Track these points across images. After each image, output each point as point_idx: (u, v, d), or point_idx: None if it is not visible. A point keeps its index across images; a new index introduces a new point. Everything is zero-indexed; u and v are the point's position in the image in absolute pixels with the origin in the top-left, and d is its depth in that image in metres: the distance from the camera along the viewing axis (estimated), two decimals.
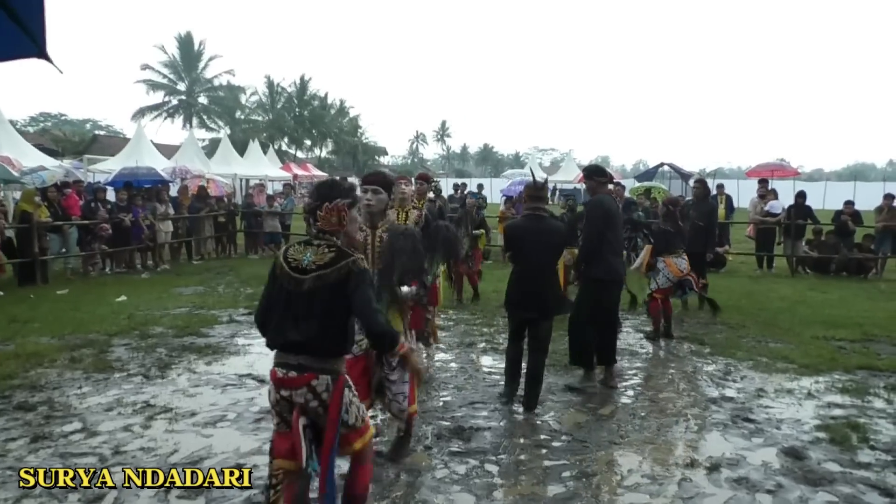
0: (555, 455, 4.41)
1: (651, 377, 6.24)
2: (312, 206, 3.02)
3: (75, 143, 39.64)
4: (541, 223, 5.23)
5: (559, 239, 5.31)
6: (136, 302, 9.51)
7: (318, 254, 2.91)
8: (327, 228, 2.96)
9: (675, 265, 7.55)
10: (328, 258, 2.89)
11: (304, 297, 2.86)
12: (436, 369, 6.40)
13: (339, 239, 2.98)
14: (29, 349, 6.76)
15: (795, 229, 13.25)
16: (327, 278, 2.85)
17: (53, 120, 61.39)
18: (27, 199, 11.45)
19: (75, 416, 5.05)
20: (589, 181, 6.09)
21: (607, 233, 5.71)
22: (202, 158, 23.71)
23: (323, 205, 2.95)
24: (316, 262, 2.89)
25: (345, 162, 60.85)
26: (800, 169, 36.23)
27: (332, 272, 2.86)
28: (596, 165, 6.51)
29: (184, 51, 51.59)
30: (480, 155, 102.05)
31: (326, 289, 2.85)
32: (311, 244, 2.96)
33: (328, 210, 2.95)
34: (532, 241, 5.18)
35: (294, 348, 2.87)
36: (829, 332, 7.82)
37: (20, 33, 2.28)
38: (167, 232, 14.34)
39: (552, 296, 5.26)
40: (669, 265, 7.55)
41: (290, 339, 2.87)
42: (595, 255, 5.73)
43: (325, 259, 2.89)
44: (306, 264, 2.89)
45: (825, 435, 4.75)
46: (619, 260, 5.96)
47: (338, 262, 2.88)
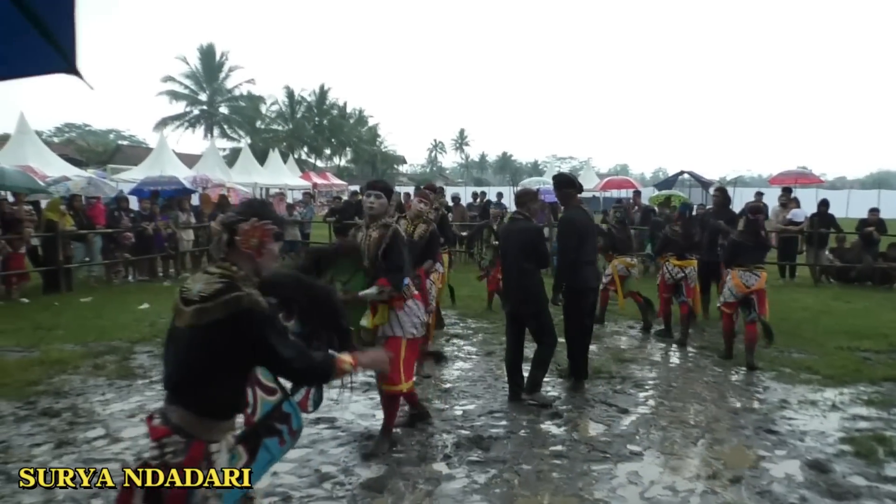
0: (575, 465, 4.38)
1: (672, 387, 6.18)
2: (232, 219, 2.43)
3: (99, 153, 40.35)
4: (516, 225, 5.73)
5: (526, 237, 5.62)
6: (158, 309, 9.61)
7: (209, 283, 2.32)
8: (243, 248, 2.41)
9: (739, 279, 6.93)
10: (214, 289, 2.29)
11: (182, 332, 2.31)
12: (455, 378, 6.40)
13: (240, 268, 2.39)
14: (53, 356, 6.86)
15: (818, 238, 13.09)
16: (207, 313, 2.26)
17: (78, 130, 62.46)
18: (53, 208, 11.64)
19: (98, 422, 5.11)
20: (559, 192, 6.22)
21: (582, 245, 5.88)
22: (223, 168, 24.03)
23: (249, 220, 2.42)
24: (202, 292, 2.31)
25: (364, 171, 61.22)
26: (822, 177, 35.84)
27: (214, 307, 2.26)
28: (565, 175, 6.47)
29: (205, 62, 52.31)
30: (499, 163, 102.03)
31: (208, 327, 2.26)
32: (208, 271, 2.38)
33: (253, 227, 2.41)
34: (508, 241, 5.74)
35: (168, 395, 2.36)
36: (854, 342, 7.70)
37: (50, 49, 2.32)
38: (189, 240, 14.50)
39: (526, 290, 5.60)
40: (734, 279, 6.96)
41: (165, 380, 2.41)
42: (572, 267, 5.90)
43: (211, 290, 2.29)
44: (193, 294, 2.32)
45: (850, 448, 4.68)
46: (594, 269, 6.15)
47: (224, 294, 2.27)
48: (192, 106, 52.69)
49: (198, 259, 15.13)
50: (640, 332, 8.40)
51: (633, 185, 27.16)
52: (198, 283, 2.35)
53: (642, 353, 7.41)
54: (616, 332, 8.47)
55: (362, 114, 63.06)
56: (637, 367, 6.76)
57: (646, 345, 7.83)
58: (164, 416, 2.34)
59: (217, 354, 2.29)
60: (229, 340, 2.27)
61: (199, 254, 15.13)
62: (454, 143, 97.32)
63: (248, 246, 2.41)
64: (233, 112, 54.12)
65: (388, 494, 3.94)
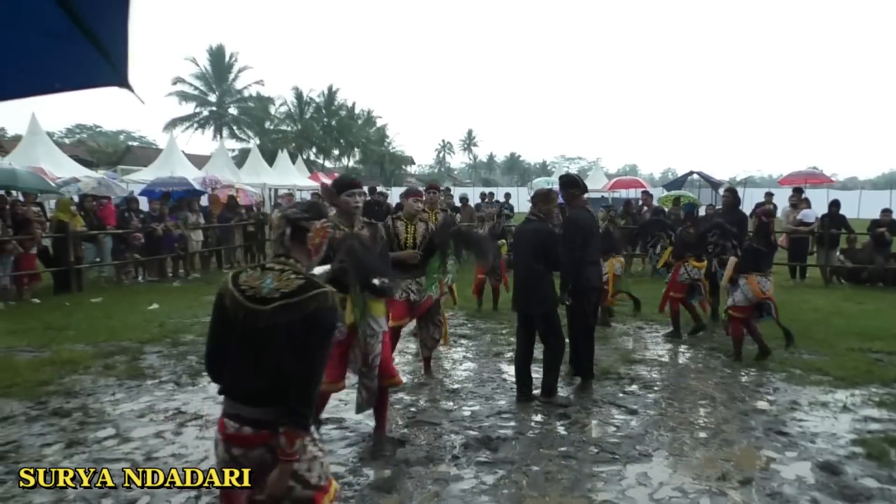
0: (583, 467, 4.37)
1: (681, 388, 6.16)
2: (300, 216, 2.47)
3: (109, 154, 40.59)
4: (530, 226, 5.78)
5: (537, 239, 5.63)
6: (167, 310, 9.66)
7: (282, 279, 2.34)
8: (309, 245, 2.48)
9: (757, 285, 6.86)
10: (296, 285, 2.32)
11: (262, 333, 2.30)
12: (463, 379, 6.39)
13: (301, 264, 2.45)
14: (64, 356, 6.90)
15: (829, 239, 13.00)
16: (295, 309, 2.28)
17: (89, 131, 62.93)
18: (63, 208, 11.73)
19: (109, 422, 5.14)
20: (564, 192, 6.21)
21: (586, 245, 5.93)
22: (232, 168, 24.08)
23: (320, 220, 2.51)
24: (280, 288, 2.32)
25: (372, 171, 61.26)
26: (834, 177, 35.63)
27: (302, 302, 2.29)
28: (569, 176, 6.49)
29: (215, 63, 52.49)
30: (507, 164, 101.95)
31: (294, 323, 2.28)
32: (272, 269, 2.39)
33: (322, 227, 2.50)
34: (520, 242, 5.85)
35: (250, 399, 2.33)
36: (865, 343, 7.65)
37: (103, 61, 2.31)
38: (198, 241, 14.57)
39: (534, 291, 5.63)
40: (752, 283, 6.88)
41: (246, 386, 2.35)
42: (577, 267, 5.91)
43: (292, 286, 2.32)
44: (266, 292, 2.32)
45: (862, 449, 4.64)
46: (598, 269, 6.28)
47: (308, 290, 2.32)
48: (201, 107, 52.88)
49: (207, 260, 15.21)
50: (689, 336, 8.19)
51: (642, 185, 27.07)
52: (264, 279, 2.36)
53: (651, 354, 7.38)
54: (625, 334, 8.45)
55: (371, 114, 63.07)
56: (645, 368, 6.74)
57: (654, 346, 7.80)
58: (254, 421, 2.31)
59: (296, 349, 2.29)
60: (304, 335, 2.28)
61: (207, 254, 15.21)
62: (462, 144, 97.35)
63: (314, 244, 2.49)
64: (242, 113, 54.29)
65: (397, 495, 3.94)
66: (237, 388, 2.37)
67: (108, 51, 2.27)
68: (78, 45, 2.24)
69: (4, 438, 4.76)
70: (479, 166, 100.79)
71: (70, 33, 2.19)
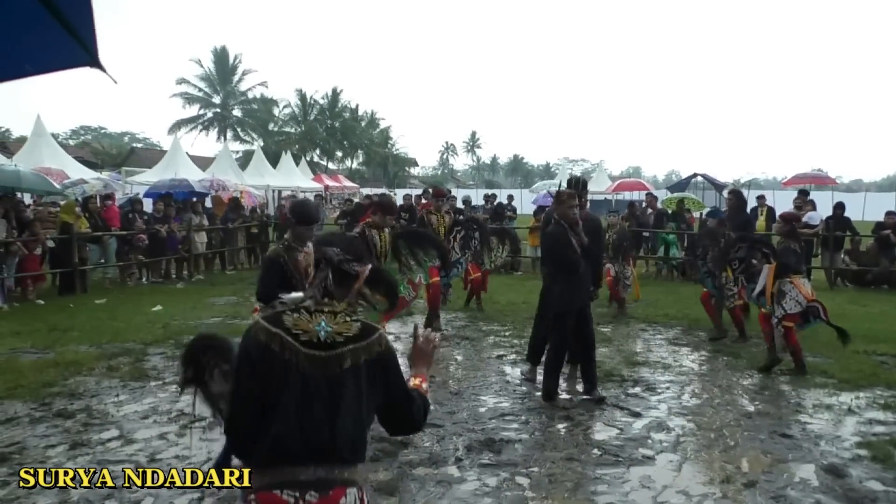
0: (586, 469, 4.36)
1: (685, 391, 6.14)
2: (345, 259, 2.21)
3: (114, 156, 40.70)
4: (545, 229, 6.03)
5: (546, 241, 5.90)
6: (171, 311, 9.68)
7: (339, 322, 2.13)
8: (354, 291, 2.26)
9: (804, 287, 6.65)
10: (356, 329, 2.13)
11: (326, 382, 2.07)
12: (466, 381, 6.39)
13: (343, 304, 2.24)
14: (68, 357, 6.91)
15: (834, 241, 12.97)
16: (363, 354, 2.11)
17: (93, 133, 63.12)
18: (68, 210, 11.76)
19: (112, 423, 5.15)
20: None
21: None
22: (236, 170, 24.11)
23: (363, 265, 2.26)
24: (342, 332, 2.11)
25: (375, 173, 61.34)
26: (838, 179, 35.55)
27: (368, 346, 2.12)
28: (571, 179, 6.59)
29: (219, 65, 52.64)
30: (511, 166, 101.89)
31: (361, 369, 2.10)
32: (321, 311, 2.15)
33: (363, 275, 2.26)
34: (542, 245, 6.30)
35: (313, 457, 2.02)
36: (870, 346, 7.62)
37: (73, 42, 2.31)
38: (202, 243, 14.61)
39: (548, 292, 5.97)
40: (798, 287, 6.59)
41: (309, 444, 2.02)
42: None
43: (353, 330, 2.12)
44: (325, 337, 2.09)
45: (866, 452, 4.63)
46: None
47: (371, 332, 2.15)
48: (205, 109, 53.04)
49: (210, 261, 15.24)
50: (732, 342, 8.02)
51: (645, 187, 27.07)
52: (318, 322, 2.11)
53: (654, 356, 7.36)
54: (628, 336, 8.43)
55: (374, 116, 63.17)
56: (649, 371, 6.73)
57: (657, 348, 7.79)
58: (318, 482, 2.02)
59: (368, 395, 2.13)
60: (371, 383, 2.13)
61: (211, 256, 15.25)
62: (466, 146, 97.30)
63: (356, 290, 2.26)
64: (246, 115, 54.43)
65: (400, 497, 3.94)
66: (299, 448, 2.02)
67: (77, 31, 2.27)
68: (47, 26, 2.24)
69: (9, 440, 4.77)
70: (482, 168, 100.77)
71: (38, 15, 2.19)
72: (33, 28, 2.30)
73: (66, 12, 2.22)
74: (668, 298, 9.97)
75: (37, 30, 2.30)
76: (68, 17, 2.23)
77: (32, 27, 2.30)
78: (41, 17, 2.21)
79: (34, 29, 2.31)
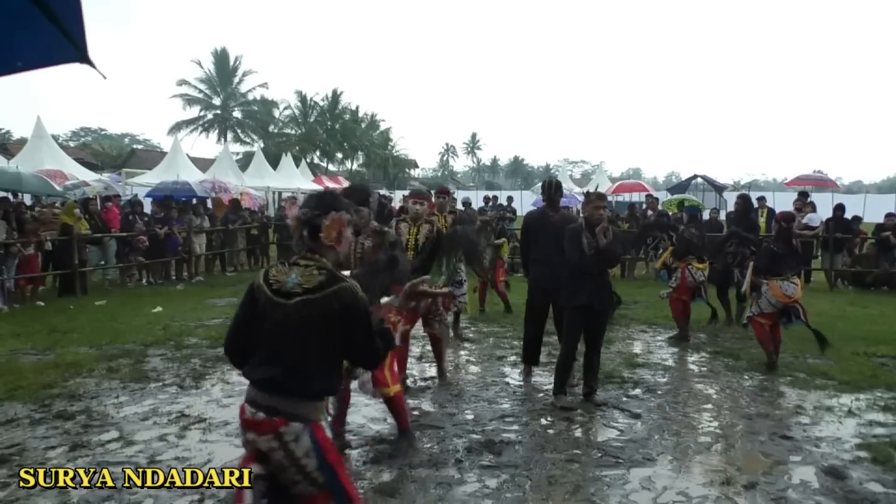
0: (587, 470, 4.36)
1: (685, 392, 6.14)
2: (311, 215, 2.53)
3: (114, 157, 40.75)
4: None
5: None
6: (171, 313, 9.68)
7: (306, 275, 2.45)
8: (326, 243, 2.53)
9: (779, 289, 6.72)
10: (317, 281, 2.43)
11: (282, 326, 2.43)
12: (467, 382, 6.39)
13: (328, 259, 2.54)
14: (68, 359, 6.91)
15: (834, 243, 12.97)
16: (315, 305, 2.40)
17: (94, 134, 63.15)
18: (68, 211, 11.77)
19: (112, 425, 5.14)
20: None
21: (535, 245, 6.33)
22: (236, 171, 24.13)
23: (329, 214, 2.54)
24: (302, 284, 2.43)
25: (375, 175, 61.34)
26: (838, 181, 35.54)
27: (322, 298, 2.41)
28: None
29: (219, 66, 52.69)
30: (511, 167, 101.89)
31: (313, 318, 2.40)
32: (298, 264, 2.49)
33: (334, 221, 2.53)
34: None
35: (266, 386, 2.42)
36: (871, 348, 7.62)
37: (61, 37, 2.30)
38: (201, 244, 14.61)
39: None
40: (773, 288, 6.74)
41: (263, 374, 2.44)
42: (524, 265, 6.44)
43: (314, 282, 2.43)
44: (290, 287, 2.43)
45: (867, 454, 4.62)
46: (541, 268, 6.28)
47: (329, 286, 2.43)
48: (206, 110, 53.09)
49: (210, 262, 15.25)
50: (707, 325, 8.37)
51: (645, 188, 27.03)
52: (289, 275, 2.46)
53: (654, 357, 7.36)
54: (628, 337, 8.43)
55: (374, 118, 63.20)
56: (649, 372, 6.73)
57: (657, 350, 7.79)
58: (268, 408, 2.40)
59: (324, 342, 2.43)
60: (333, 332, 2.43)
61: (211, 257, 15.26)
62: (466, 147, 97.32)
63: (330, 239, 2.53)
64: (246, 116, 54.48)
65: (400, 498, 3.94)
66: (259, 376, 2.45)
67: (66, 27, 2.27)
68: (37, 22, 2.24)
69: (8, 441, 4.77)
70: (482, 170, 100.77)
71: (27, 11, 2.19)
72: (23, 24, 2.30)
73: (55, 8, 2.22)
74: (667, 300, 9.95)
75: (26, 26, 2.30)
76: (57, 12, 2.23)
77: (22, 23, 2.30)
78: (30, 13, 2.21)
79: (23, 25, 2.30)
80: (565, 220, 6.34)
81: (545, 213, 6.41)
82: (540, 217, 6.48)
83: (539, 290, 6.33)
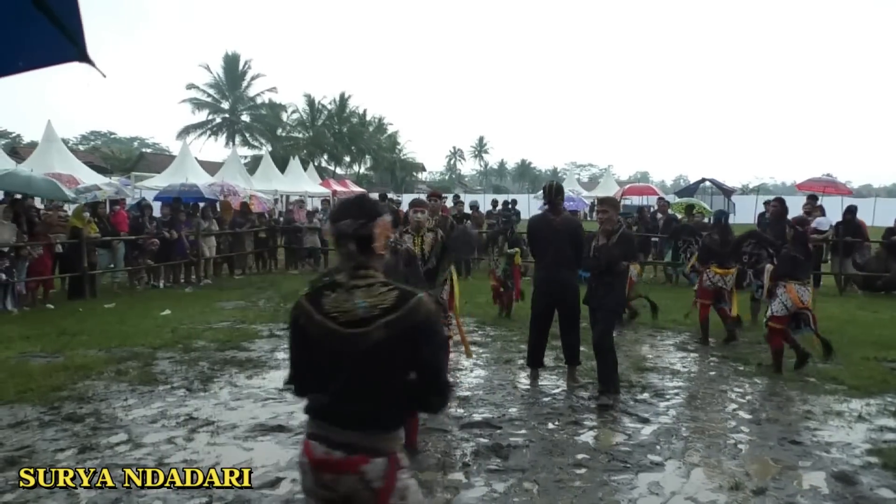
0: (595, 475, 4.34)
1: (694, 397, 6.11)
2: (357, 225, 2.19)
3: (123, 161, 40.99)
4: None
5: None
6: (179, 316, 9.71)
7: (375, 295, 2.16)
8: (378, 252, 2.24)
9: (796, 293, 6.70)
10: (393, 297, 2.16)
11: (361, 355, 2.15)
12: (474, 386, 6.38)
13: (379, 271, 2.26)
14: (77, 361, 6.95)
15: (844, 246, 12.89)
16: (398, 324, 2.13)
17: (103, 138, 63.57)
18: (77, 215, 11.84)
19: (121, 427, 5.16)
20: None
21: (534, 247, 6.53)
22: (244, 175, 24.21)
23: (376, 220, 2.23)
24: (377, 305, 2.14)
25: (383, 178, 61.44)
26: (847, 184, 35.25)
27: (406, 314, 2.14)
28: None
29: (228, 70, 52.95)
30: (518, 171, 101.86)
31: (393, 339, 2.13)
32: (357, 286, 2.19)
33: (383, 228, 2.24)
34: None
35: (342, 421, 2.17)
36: (881, 352, 7.56)
37: (60, 36, 2.29)
38: (210, 247, 14.66)
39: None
40: (790, 292, 6.70)
41: (338, 409, 2.18)
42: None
43: (390, 299, 2.15)
44: (364, 313, 2.14)
45: (877, 459, 4.59)
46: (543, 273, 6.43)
47: (407, 299, 2.17)
48: (214, 114, 53.35)
49: (219, 266, 15.30)
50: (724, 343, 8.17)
51: (655, 191, 26.97)
52: (353, 300, 2.17)
53: (663, 362, 7.33)
54: (637, 341, 8.40)
55: (382, 121, 63.30)
56: (658, 377, 6.70)
57: (666, 354, 7.76)
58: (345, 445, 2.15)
59: (403, 365, 2.20)
60: (408, 348, 2.16)
61: (220, 261, 15.31)
62: (473, 151, 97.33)
63: (381, 247, 2.25)
64: (254, 120, 54.69)
65: None
66: (330, 410, 2.20)
67: (65, 25, 2.27)
68: (36, 21, 2.23)
69: (18, 443, 4.79)
70: (489, 173, 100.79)
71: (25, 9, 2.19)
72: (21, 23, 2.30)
73: (53, 6, 2.22)
74: (676, 304, 9.92)
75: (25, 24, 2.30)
76: (55, 10, 2.23)
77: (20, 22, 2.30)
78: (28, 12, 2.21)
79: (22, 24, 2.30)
80: (567, 223, 6.38)
81: (547, 217, 6.44)
82: (542, 221, 6.52)
83: (541, 294, 6.38)
